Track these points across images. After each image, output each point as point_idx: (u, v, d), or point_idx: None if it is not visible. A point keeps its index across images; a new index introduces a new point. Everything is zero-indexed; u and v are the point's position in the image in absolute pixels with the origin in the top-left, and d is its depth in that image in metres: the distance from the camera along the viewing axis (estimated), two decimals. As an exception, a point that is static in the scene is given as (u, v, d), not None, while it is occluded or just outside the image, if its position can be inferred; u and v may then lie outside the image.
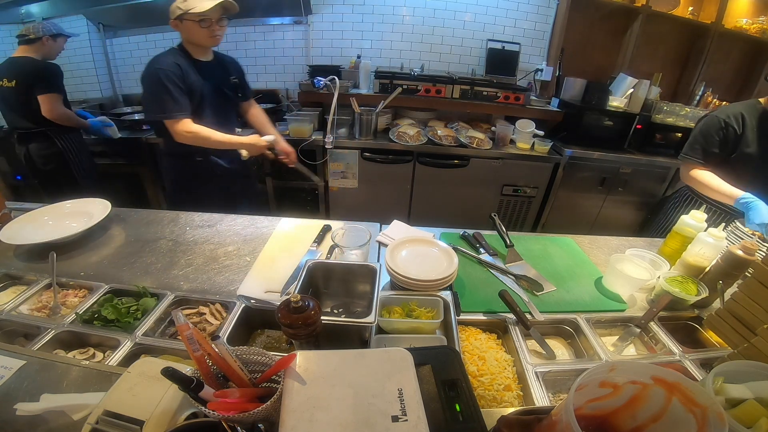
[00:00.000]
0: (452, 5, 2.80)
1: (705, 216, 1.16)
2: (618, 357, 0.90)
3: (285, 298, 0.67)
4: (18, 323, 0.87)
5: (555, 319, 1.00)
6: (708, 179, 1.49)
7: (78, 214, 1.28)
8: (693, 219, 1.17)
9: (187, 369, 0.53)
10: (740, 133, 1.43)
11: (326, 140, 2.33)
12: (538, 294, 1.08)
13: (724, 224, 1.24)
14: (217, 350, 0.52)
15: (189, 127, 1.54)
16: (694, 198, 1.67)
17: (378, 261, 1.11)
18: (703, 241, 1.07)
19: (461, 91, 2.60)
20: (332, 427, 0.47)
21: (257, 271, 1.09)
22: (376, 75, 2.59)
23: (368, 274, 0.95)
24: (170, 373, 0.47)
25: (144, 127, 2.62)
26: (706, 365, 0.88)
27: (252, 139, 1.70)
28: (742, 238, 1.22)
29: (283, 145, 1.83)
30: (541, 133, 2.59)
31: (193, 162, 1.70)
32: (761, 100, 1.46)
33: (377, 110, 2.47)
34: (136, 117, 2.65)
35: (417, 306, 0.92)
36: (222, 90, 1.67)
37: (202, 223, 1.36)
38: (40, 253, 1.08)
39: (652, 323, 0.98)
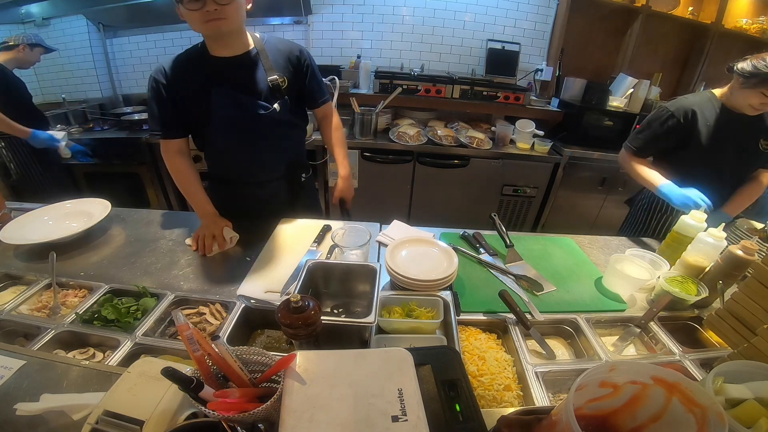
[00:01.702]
0: (452, 5, 2.80)
1: (705, 216, 1.16)
2: (618, 357, 0.90)
3: (285, 298, 0.67)
4: (18, 323, 0.87)
5: (555, 319, 1.00)
6: (637, 169, 1.48)
7: (78, 214, 1.28)
8: (693, 219, 1.16)
9: (187, 369, 0.53)
10: (688, 128, 1.40)
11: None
12: (538, 294, 1.08)
13: (724, 224, 1.24)
14: (217, 350, 0.52)
15: (165, 153, 1.24)
16: (655, 197, 1.62)
17: (378, 261, 1.11)
18: (703, 241, 1.07)
19: (461, 91, 2.60)
20: (332, 427, 0.47)
21: (257, 271, 1.09)
22: (376, 75, 2.59)
23: (368, 274, 0.95)
24: (170, 373, 0.47)
25: (144, 127, 2.62)
26: (706, 365, 0.87)
27: (206, 222, 1.22)
28: (742, 238, 1.22)
29: (340, 184, 1.43)
30: (541, 133, 2.59)
31: (227, 188, 1.37)
32: (715, 92, 1.43)
33: (377, 110, 2.47)
34: (136, 117, 2.66)
35: (417, 306, 0.92)
36: (237, 97, 1.17)
37: (202, 223, 1.36)
38: (40, 253, 1.08)
39: (652, 323, 0.98)
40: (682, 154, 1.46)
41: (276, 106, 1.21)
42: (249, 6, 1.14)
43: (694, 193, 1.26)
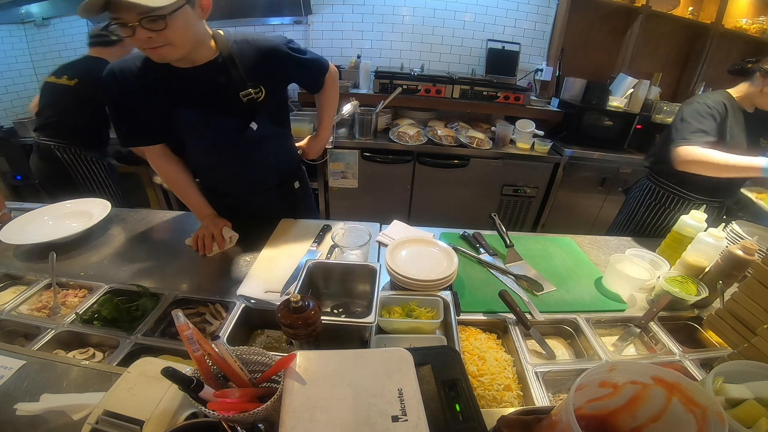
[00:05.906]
0: (452, 5, 2.80)
1: (705, 216, 1.16)
2: (618, 357, 0.90)
3: (285, 298, 0.67)
4: (18, 323, 0.87)
5: (555, 319, 1.00)
6: (718, 155, 1.29)
7: (78, 214, 1.28)
8: (693, 219, 1.16)
9: (187, 369, 0.53)
10: (721, 123, 1.37)
11: (326, 140, 2.33)
12: (538, 294, 1.08)
13: (724, 224, 1.24)
14: (217, 350, 0.52)
15: (149, 159, 1.16)
16: (656, 188, 1.59)
17: (378, 261, 1.11)
18: (703, 241, 1.07)
19: (461, 91, 2.60)
20: (332, 427, 0.47)
21: (257, 271, 1.09)
22: (376, 75, 2.59)
23: (368, 274, 0.95)
24: (170, 373, 0.47)
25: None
26: (706, 365, 0.87)
27: (205, 222, 1.19)
28: (742, 238, 1.22)
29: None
30: (541, 133, 2.59)
31: (217, 198, 1.28)
32: (730, 92, 1.41)
33: (377, 110, 2.47)
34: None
35: (417, 306, 0.92)
36: (207, 118, 1.05)
37: (202, 223, 1.36)
38: (40, 253, 1.08)
39: (652, 323, 0.98)
40: None
41: (253, 125, 1.08)
42: (206, 13, 0.94)
43: None
